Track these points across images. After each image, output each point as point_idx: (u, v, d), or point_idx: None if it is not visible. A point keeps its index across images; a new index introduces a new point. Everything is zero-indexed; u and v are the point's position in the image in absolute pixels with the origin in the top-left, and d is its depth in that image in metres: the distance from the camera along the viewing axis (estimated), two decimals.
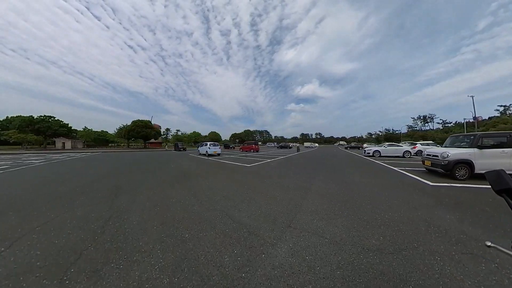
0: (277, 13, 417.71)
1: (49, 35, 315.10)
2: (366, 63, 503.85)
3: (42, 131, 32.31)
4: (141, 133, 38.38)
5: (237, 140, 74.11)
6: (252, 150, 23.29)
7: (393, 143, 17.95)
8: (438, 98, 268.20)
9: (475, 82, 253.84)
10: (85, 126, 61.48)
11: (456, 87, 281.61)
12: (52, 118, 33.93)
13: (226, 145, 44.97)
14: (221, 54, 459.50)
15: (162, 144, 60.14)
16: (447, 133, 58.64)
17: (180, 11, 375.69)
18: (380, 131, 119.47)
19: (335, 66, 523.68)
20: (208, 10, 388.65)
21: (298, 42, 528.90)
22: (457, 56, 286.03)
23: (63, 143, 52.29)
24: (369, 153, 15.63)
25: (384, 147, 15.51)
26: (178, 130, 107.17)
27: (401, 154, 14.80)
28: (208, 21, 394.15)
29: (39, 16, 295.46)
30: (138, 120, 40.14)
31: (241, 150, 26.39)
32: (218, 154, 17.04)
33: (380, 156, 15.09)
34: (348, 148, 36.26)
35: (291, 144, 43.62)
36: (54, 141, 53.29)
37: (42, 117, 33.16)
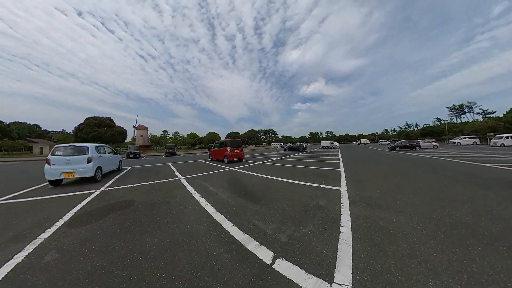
0: (280, 16, 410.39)
1: (68, 50, 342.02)
2: (373, 59, 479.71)
3: None
4: (91, 133, 28.29)
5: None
6: (225, 158, 11.68)
7: None
8: (453, 90, 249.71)
9: (494, 71, 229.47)
10: (62, 129, 53.08)
11: (472, 78, 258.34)
12: None
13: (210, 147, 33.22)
14: (227, 59, 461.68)
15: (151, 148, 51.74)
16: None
17: (187, 20, 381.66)
18: (400, 126, 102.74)
19: (341, 63, 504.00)
20: (213, 18, 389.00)
21: (302, 42, 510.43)
22: (471, 45, 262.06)
23: (41, 148, 45.03)
24: None
25: None
26: (177, 132, 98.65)
27: None
28: (213, 28, 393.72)
29: (60, 33, 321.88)
30: (92, 117, 30.09)
31: (210, 157, 14.78)
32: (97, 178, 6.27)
33: None
34: (397, 148, 21.59)
35: (305, 145, 30.51)
36: (31, 146, 46.19)
37: None
